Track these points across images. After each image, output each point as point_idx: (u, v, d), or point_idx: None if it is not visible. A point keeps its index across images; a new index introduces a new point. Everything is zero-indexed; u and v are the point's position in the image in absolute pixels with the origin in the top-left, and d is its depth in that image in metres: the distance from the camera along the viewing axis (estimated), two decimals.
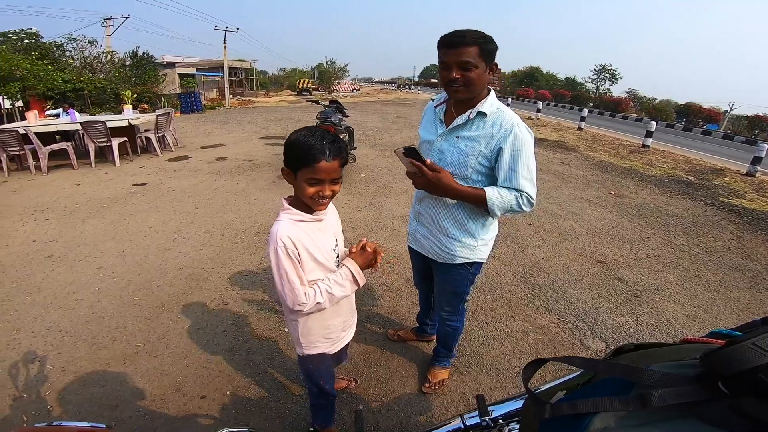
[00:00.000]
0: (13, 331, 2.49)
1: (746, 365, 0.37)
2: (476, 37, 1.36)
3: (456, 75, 1.40)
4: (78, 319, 2.59)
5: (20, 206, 4.80)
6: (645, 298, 2.99)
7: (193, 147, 8.51)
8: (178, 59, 22.70)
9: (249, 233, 3.91)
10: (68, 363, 2.22)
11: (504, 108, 1.49)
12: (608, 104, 29.74)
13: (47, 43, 14.92)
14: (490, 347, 2.39)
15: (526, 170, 1.44)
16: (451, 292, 1.81)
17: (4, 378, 2.12)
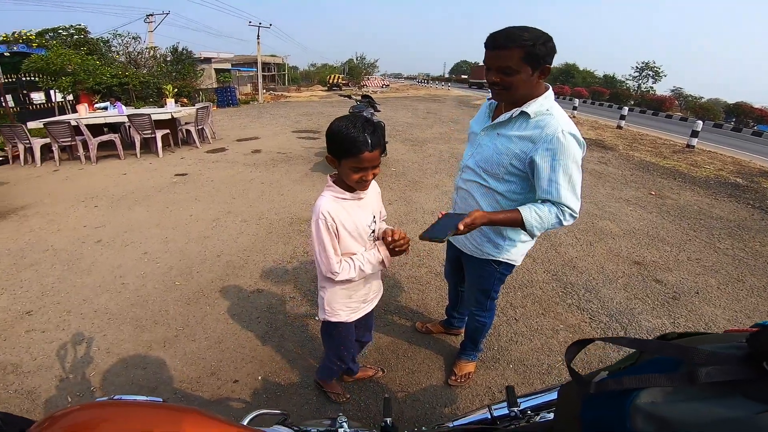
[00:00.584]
0: (64, 313, 2.64)
1: None
2: (521, 39, 1.24)
3: (495, 78, 1.34)
4: (124, 302, 2.73)
5: (71, 193, 5.13)
6: (684, 301, 2.88)
7: (229, 140, 8.80)
8: (214, 55, 23.44)
9: (283, 223, 4.02)
10: (113, 345, 2.34)
11: (556, 112, 1.36)
12: (650, 103, 28.41)
13: (94, 39, 15.52)
14: (519, 343, 2.37)
15: (567, 182, 1.32)
16: (478, 287, 1.81)
17: (52, 359, 2.23)
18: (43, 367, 2.17)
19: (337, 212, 1.29)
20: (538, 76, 1.33)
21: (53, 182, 5.77)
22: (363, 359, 2.19)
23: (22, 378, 2.10)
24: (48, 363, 2.20)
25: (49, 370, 2.15)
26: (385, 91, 31.78)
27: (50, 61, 10.72)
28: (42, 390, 2.02)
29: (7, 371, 2.15)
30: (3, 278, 3.07)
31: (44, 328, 2.49)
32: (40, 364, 2.19)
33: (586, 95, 33.41)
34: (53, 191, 5.27)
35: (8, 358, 2.24)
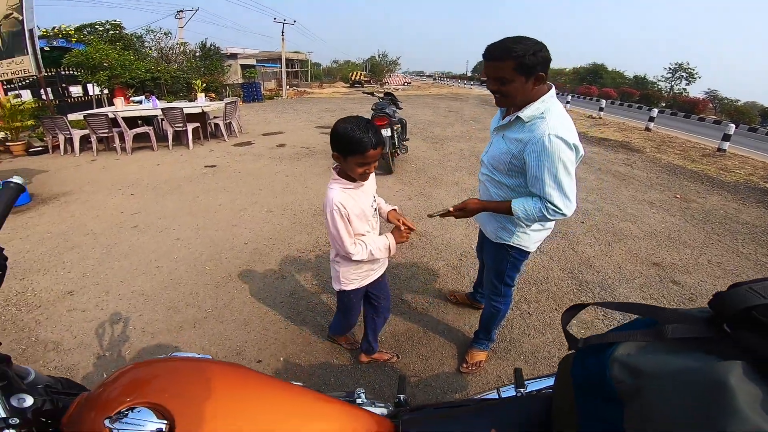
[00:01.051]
0: (103, 293, 2.82)
1: (741, 305, 0.47)
2: (513, 51, 1.35)
3: (493, 87, 1.48)
4: (158, 285, 2.91)
5: (109, 182, 5.44)
6: (700, 302, 2.87)
7: (255, 134, 9.07)
8: (240, 51, 23.83)
9: (306, 214, 4.19)
10: (147, 324, 2.48)
11: (550, 114, 1.45)
12: (683, 105, 27.43)
13: (129, 35, 16.05)
14: (531, 336, 2.43)
15: (552, 180, 1.43)
16: (493, 270, 1.95)
17: (91, 337, 2.38)
18: (83, 344, 2.32)
19: (346, 201, 1.48)
20: (533, 83, 1.42)
21: (91, 171, 6.11)
22: (379, 344, 2.31)
23: (62, 355, 2.24)
24: (87, 341, 2.35)
25: (88, 348, 2.29)
26: (407, 88, 31.73)
27: (90, 56, 11.20)
28: (80, 367, 2.15)
29: (48, 348, 2.30)
30: (46, 259, 3.32)
31: (84, 307, 2.67)
32: (79, 342, 2.34)
33: (614, 96, 32.47)
34: (92, 179, 5.59)
35: (50, 336, 2.40)
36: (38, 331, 2.46)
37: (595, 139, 9.32)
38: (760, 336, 0.45)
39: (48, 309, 2.66)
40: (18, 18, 8.11)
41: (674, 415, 0.47)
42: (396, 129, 5.61)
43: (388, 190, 4.95)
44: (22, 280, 3.02)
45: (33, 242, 3.64)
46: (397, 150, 5.83)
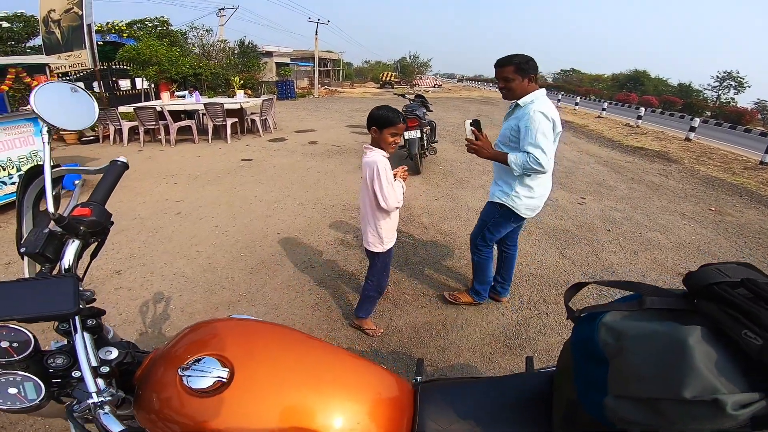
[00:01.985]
0: (147, 274, 3.03)
1: (708, 281, 0.58)
2: (513, 60, 2.08)
3: (501, 85, 2.16)
4: (197, 268, 3.12)
5: (155, 171, 5.82)
6: None
7: (288, 130, 9.40)
8: (275, 49, 24.43)
9: (336, 209, 4.37)
10: (186, 305, 2.64)
11: (537, 101, 2.08)
12: (729, 115, 26.04)
13: (175, 31, 16.62)
14: (546, 335, 2.50)
15: (532, 138, 2.02)
16: (481, 218, 2.49)
17: (135, 314, 2.53)
18: (128, 321, 2.47)
19: (385, 163, 1.97)
20: (527, 82, 2.10)
21: (138, 160, 6.53)
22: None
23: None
24: (132, 318, 2.51)
25: (132, 325, 2.44)
26: (437, 91, 31.63)
27: (141, 52, 11.79)
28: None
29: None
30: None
31: (130, 286, 2.87)
32: (125, 319, 2.49)
33: (655, 104, 31.21)
34: (138, 168, 5.98)
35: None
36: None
37: (630, 148, 9.09)
38: (718, 307, 0.56)
39: (98, 287, 2.83)
40: (78, 12, 8.68)
41: (644, 370, 0.58)
42: (426, 131, 5.71)
43: (415, 190, 5.07)
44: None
45: None
46: (426, 151, 5.93)
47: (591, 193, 5.39)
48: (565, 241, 3.79)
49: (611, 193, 5.40)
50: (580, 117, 15.74)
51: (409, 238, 3.71)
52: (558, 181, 5.84)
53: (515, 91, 2.12)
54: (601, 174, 6.49)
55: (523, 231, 3.92)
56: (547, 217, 4.34)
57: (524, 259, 3.38)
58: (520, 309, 2.72)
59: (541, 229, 4.02)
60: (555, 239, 3.81)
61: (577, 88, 46.86)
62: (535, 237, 3.84)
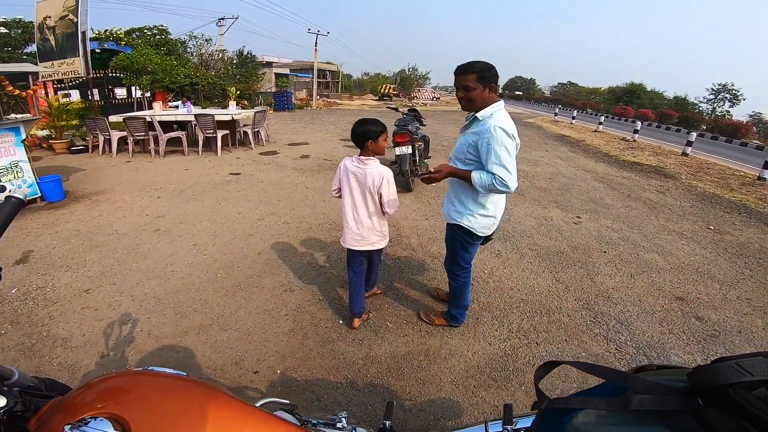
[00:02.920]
0: (117, 294, 2.90)
1: (720, 381, 0.42)
2: (474, 67, 1.95)
3: (461, 95, 2.02)
4: (170, 288, 2.98)
5: (139, 184, 5.67)
6: (723, 339, 2.73)
7: (281, 143, 9.29)
8: (275, 59, 24.47)
9: (322, 229, 4.21)
10: (154, 327, 2.53)
11: (497, 115, 1.99)
12: (724, 128, 26.08)
13: (173, 40, 16.47)
14: (535, 366, 2.33)
15: (494, 158, 1.92)
16: (448, 245, 2.43)
17: (98, 336, 2.44)
18: (90, 343, 2.38)
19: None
20: (488, 92, 1.99)
21: (125, 172, 6.40)
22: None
23: (68, 352, 2.32)
24: (94, 339, 2.41)
25: (94, 347, 2.35)
26: (435, 103, 31.77)
27: (135, 60, 11.71)
28: (83, 364, 2.22)
29: (56, 344, 2.38)
30: (70, 257, 3.46)
31: (98, 306, 2.76)
32: (87, 340, 2.40)
33: (651, 117, 31.31)
34: (124, 180, 5.85)
35: (60, 332, 2.49)
36: (50, 326, 2.56)
37: (627, 164, 8.99)
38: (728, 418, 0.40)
39: (63, 305, 2.76)
40: (73, 20, 8.58)
41: None
42: (418, 146, 5.56)
43: (405, 209, 4.91)
44: (44, 275, 3.16)
45: (60, 239, 3.82)
46: (418, 168, 5.77)
47: (587, 211, 5.25)
48: (559, 263, 3.64)
49: (608, 212, 5.27)
50: (577, 131, 15.70)
51: (395, 260, 3.54)
52: (553, 199, 5.71)
53: (476, 101, 2.00)
54: (597, 191, 6.36)
55: (515, 253, 3.78)
56: (541, 238, 4.19)
57: (515, 284, 3.23)
58: (509, 338, 2.57)
59: (534, 251, 3.86)
60: (548, 262, 3.66)
61: (574, 102, 47.15)
62: (527, 260, 3.68)
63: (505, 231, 4.31)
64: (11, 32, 12.74)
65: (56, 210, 4.64)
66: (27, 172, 4.76)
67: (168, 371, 0.83)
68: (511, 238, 4.16)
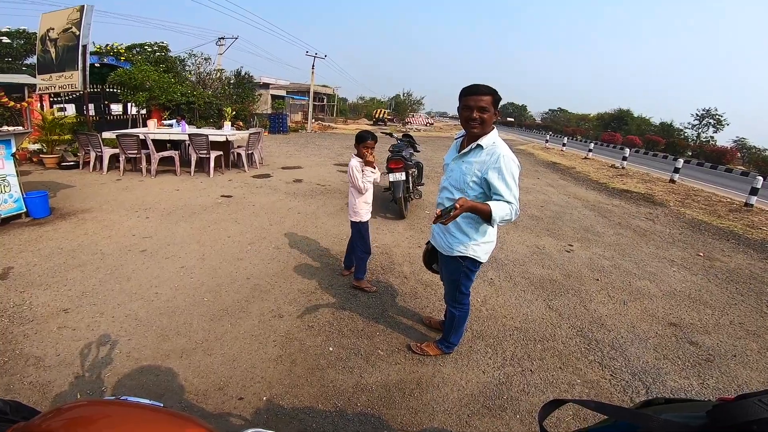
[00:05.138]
0: (97, 314, 2.82)
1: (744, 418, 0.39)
2: (491, 90, 1.95)
3: (475, 115, 1.95)
4: (153, 311, 2.89)
5: (128, 203, 5.59)
6: (718, 363, 2.73)
7: (275, 166, 9.28)
8: (272, 81, 24.69)
9: (313, 254, 4.13)
10: (134, 350, 2.45)
11: (498, 143, 2.02)
12: (710, 154, 26.71)
13: (173, 57, 16.43)
14: (530, 395, 2.30)
15: (507, 188, 1.93)
16: (449, 278, 2.35)
17: (74, 356, 2.37)
18: (64, 363, 2.31)
19: (357, 165, 3.06)
20: (495, 116, 1.99)
21: (114, 190, 6.32)
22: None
23: (41, 371, 2.24)
24: (69, 360, 2.34)
25: (69, 367, 2.28)
26: (429, 129, 32.26)
27: (132, 76, 11.68)
28: (56, 384, 2.14)
29: (28, 363, 2.30)
30: (51, 275, 3.37)
31: (75, 326, 2.67)
32: (61, 360, 2.33)
33: (639, 144, 32.02)
34: (112, 199, 5.77)
35: (33, 351, 2.41)
36: (24, 344, 2.47)
37: (617, 191, 9.13)
38: None
39: (39, 324, 2.68)
40: (75, 33, 8.64)
41: None
42: (411, 173, 5.55)
43: (398, 236, 4.86)
44: (23, 293, 3.07)
45: (42, 256, 3.72)
46: (411, 195, 5.75)
47: (578, 239, 5.26)
48: (552, 291, 3.62)
49: (599, 240, 5.29)
50: (568, 158, 16.00)
51: (387, 288, 3.48)
52: (545, 227, 5.74)
53: (487, 124, 1.98)
54: (588, 219, 6.41)
55: (508, 281, 3.75)
56: (534, 267, 4.17)
57: (508, 312, 3.19)
58: (503, 366, 2.52)
59: (527, 279, 3.84)
60: (541, 290, 3.63)
61: (565, 128, 48.20)
62: (520, 288, 3.65)
63: (498, 259, 4.28)
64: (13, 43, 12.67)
65: (40, 227, 4.53)
66: (14, 186, 4.66)
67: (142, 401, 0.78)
68: (504, 266, 4.13)
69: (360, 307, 3.12)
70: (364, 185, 3.07)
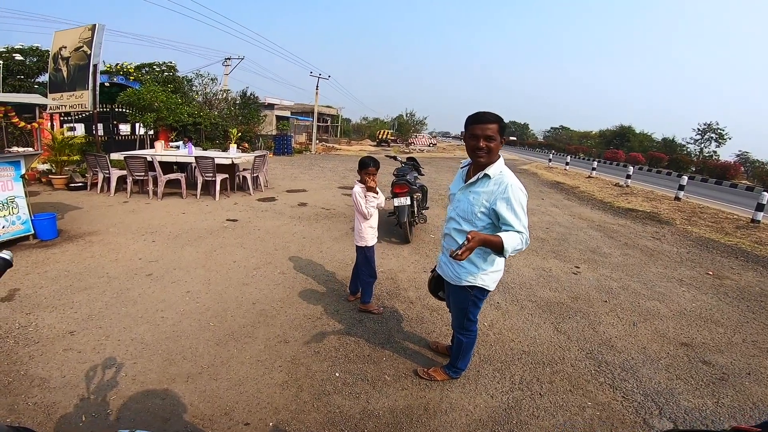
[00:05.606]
0: (102, 337, 2.82)
1: None
2: (497, 118, 1.93)
3: (482, 144, 1.93)
4: (159, 335, 2.88)
5: (135, 226, 5.63)
6: (732, 382, 2.69)
7: (280, 189, 9.33)
8: (276, 101, 24.93)
9: (319, 279, 4.10)
10: (140, 373, 2.45)
11: (506, 172, 2.01)
12: (713, 170, 26.60)
13: (180, 77, 16.53)
14: (540, 418, 2.26)
15: (516, 218, 1.91)
16: (456, 307, 2.34)
17: (79, 378, 2.36)
18: (69, 385, 2.31)
19: (360, 191, 3.13)
20: (501, 143, 1.98)
21: (121, 213, 6.37)
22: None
23: (46, 392, 2.24)
24: (75, 382, 2.34)
25: (74, 389, 2.28)
26: (432, 150, 32.38)
27: (141, 96, 11.82)
28: (60, 406, 2.14)
29: (33, 384, 2.30)
30: (57, 297, 3.39)
31: (81, 348, 2.67)
32: (67, 382, 2.33)
33: (642, 161, 31.94)
34: (119, 221, 5.82)
35: (38, 372, 2.41)
36: (29, 365, 2.47)
37: (622, 210, 9.10)
38: None
39: (45, 346, 2.68)
40: (87, 52, 8.72)
41: None
42: (416, 197, 5.54)
43: (403, 261, 4.79)
44: (29, 314, 3.08)
45: (49, 278, 3.74)
46: (416, 219, 5.72)
47: (585, 261, 5.22)
48: (560, 314, 3.57)
49: (606, 261, 5.25)
50: (571, 177, 16.03)
51: (393, 313, 3.45)
52: (551, 249, 5.71)
53: (494, 153, 1.97)
54: (594, 240, 6.37)
55: (515, 305, 3.72)
56: (541, 290, 4.13)
57: (516, 336, 3.15)
58: (511, 390, 2.48)
59: (534, 303, 3.80)
60: (549, 313, 3.59)
61: (567, 146, 48.35)
62: (527, 311, 3.61)
63: (505, 283, 4.24)
64: (27, 60, 12.83)
65: (47, 249, 4.57)
66: (22, 208, 4.72)
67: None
68: (511, 289, 4.10)
69: (366, 333, 3.09)
70: (368, 211, 3.11)
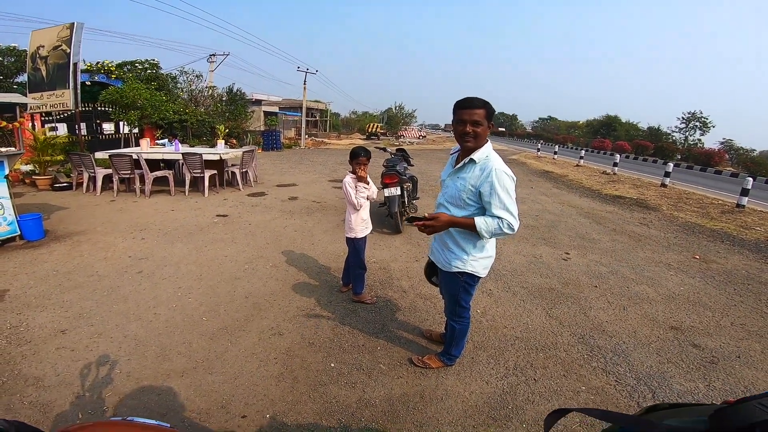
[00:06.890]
0: (95, 335, 2.80)
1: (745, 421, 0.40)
2: (484, 103, 1.94)
3: (469, 129, 1.94)
4: (152, 331, 2.87)
5: (123, 224, 5.55)
6: (722, 365, 2.74)
7: (270, 184, 9.26)
8: (264, 97, 24.78)
9: (310, 272, 4.10)
10: (134, 370, 2.44)
11: (492, 156, 2.01)
12: (698, 157, 27.08)
13: (164, 75, 16.32)
14: (535, 403, 2.29)
15: (499, 202, 1.91)
16: (448, 293, 2.35)
17: (74, 377, 2.36)
18: (64, 383, 2.30)
19: (351, 182, 3.13)
20: (489, 129, 1.98)
21: (109, 212, 6.27)
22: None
23: (41, 391, 2.23)
24: (69, 380, 2.33)
25: (69, 387, 2.27)
26: (422, 142, 32.43)
27: (124, 94, 11.58)
28: (56, 404, 2.14)
29: (27, 383, 2.29)
30: (47, 296, 3.34)
31: (74, 347, 2.65)
32: (61, 380, 2.32)
33: (628, 150, 32.36)
34: (107, 220, 5.73)
35: (32, 371, 2.39)
36: (22, 365, 2.45)
37: (610, 197, 9.23)
38: None
39: (37, 345, 2.66)
40: (66, 51, 8.49)
41: None
42: (406, 187, 5.55)
43: (395, 251, 4.82)
44: (19, 314, 3.04)
45: (38, 278, 3.69)
46: (407, 209, 5.76)
47: (575, 247, 5.30)
48: (551, 300, 3.63)
49: (595, 247, 5.33)
50: (560, 166, 16.17)
51: (386, 303, 3.47)
52: (541, 236, 5.77)
53: (481, 138, 1.97)
54: (583, 226, 6.46)
55: (507, 291, 3.76)
56: (532, 276, 4.19)
57: (509, 322, 3.19)
58: (506, 376, 2.52)
59: (526, 289, 3.85)
60: (540, 299, 3.64)
61: (555, 136, 48.80)
62: (519, 297, 3.66)
63: (496, 270, 4.29)
64: (4, 60, 12.47)
65: (35, 249, 4.49)
66: (8, 209, 4.62)
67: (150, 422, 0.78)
68: (503, 276, 4.15)
69: (360, 323, 3.10)
70: (358, 201, 3.09)
